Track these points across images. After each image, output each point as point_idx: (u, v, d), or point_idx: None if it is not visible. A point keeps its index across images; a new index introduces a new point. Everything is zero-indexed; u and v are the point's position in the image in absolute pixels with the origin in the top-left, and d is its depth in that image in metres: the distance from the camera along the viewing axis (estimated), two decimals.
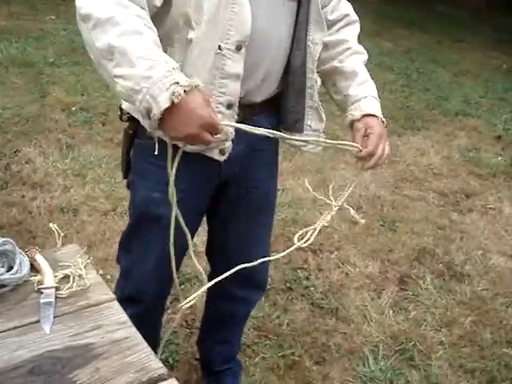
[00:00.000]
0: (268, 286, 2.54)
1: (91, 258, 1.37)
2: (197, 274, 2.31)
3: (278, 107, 1.54)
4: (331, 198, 1.56)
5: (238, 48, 1.30)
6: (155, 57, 1.10)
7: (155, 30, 1.17)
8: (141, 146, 1.49)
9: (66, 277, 1.30)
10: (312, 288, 2.58)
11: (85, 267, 1.34)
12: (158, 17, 1.26)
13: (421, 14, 9.35)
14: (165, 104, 1.06)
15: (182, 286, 2.51)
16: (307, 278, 2.64)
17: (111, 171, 3.31)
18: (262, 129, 1.24)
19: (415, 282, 2.72)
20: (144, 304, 1.66)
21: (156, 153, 1.32)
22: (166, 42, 1.26)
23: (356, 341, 2.31)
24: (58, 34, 5.74)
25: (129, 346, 1.14)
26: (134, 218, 1.61)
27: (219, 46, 1.28)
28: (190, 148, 1.40)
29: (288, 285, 2.59)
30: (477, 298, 2.66)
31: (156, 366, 1.10)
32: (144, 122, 1.15)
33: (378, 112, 1.50)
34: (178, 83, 1.07)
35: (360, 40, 1.62)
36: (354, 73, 1.55)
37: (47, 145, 3.56)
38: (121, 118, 1.50)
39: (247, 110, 1.44)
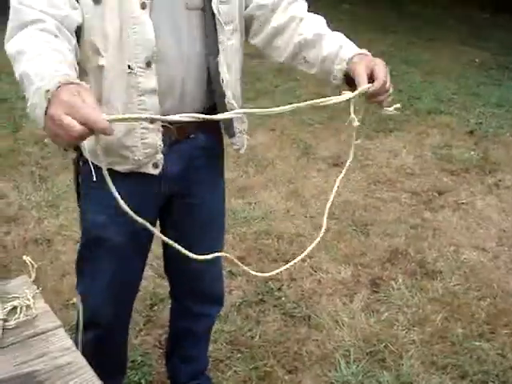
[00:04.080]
0: (240, 300, 2.59)
1: (40, 289, 1.41)
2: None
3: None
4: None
5: (148, 64, 1.34)
6: (47, 68, 1.08)
7: (67, 53, 1.17)
8: (83, 171, 1.54)
9: (15, 308, 1.34)
10: (284, 298, 2.61)
11: (33, 297, 1.38)
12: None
13: (394, 16, 9.41)
14: (44, 104, 1.01)
15: (156, 308, 2.55)
16: (279, 289, 2.67)
17: None
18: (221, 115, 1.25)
19: (387, 284, 2.75)
20: (102, 327, 1.69)
21: (94, 179, 1.37)
22: (81, 73, 1.30)
23: (328, 347, 2.34)
24: None
25: (72, 371, 1.17)
26: (83, 242, 1.65)
27: (129, 66, 1.33)
28: (124, 168, 1.45)
29: (260, 297, 2.61)
30: (449, 293, 2.69)
31: None
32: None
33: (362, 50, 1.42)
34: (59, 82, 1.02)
35: None
36: (317, 35, 1.46)
37: (21, 178, 3.60)
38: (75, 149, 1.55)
39: (181, 131, 1.48)
